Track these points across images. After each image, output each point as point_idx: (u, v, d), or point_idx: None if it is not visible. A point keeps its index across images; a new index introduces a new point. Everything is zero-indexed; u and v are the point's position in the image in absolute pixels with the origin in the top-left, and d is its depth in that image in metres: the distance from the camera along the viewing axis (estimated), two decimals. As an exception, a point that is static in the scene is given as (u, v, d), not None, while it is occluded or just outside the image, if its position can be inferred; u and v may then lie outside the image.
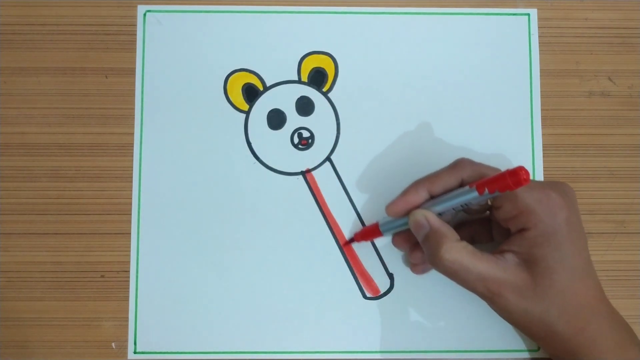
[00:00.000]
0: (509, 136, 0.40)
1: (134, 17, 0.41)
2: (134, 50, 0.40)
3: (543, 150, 0.40)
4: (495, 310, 0.33)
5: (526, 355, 0.38)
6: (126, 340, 0.38)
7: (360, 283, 0.39)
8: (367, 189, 0.39)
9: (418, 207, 0.34)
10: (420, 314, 0.39)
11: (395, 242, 0.37)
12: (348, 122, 0.40)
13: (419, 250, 0.36)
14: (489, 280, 0.31)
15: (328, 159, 0.40)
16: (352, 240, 0.39)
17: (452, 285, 0.38)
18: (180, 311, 0.38)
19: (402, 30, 0.41)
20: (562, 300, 0.31)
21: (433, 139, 0.40)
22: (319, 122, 0.40)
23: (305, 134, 0.40)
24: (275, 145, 0.40)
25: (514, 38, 0.41)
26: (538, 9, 0.41)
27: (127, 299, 0.39)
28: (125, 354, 0.38)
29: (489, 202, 0.33)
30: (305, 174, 0.40)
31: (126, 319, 0.39)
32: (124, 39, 0.41)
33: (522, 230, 0.32)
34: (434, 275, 0.39)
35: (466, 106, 0.40)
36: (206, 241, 0.39)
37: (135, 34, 0.41)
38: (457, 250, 0.31)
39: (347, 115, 0.40)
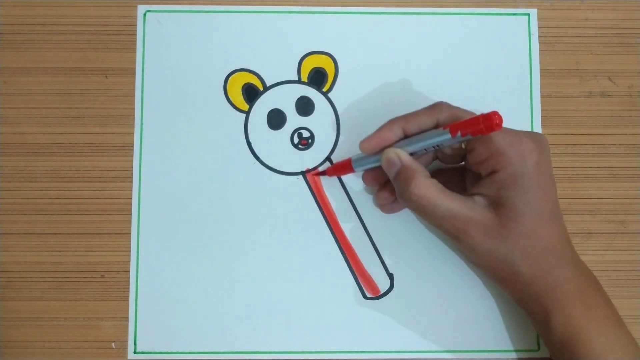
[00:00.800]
0: (509, 136, 0.40)
1: (134, 17, 0.41)
2: (134, 50, 0.40)
3: (543, 150, 0.40)
4: (461, 249, 0.34)
5: (526, 355, 0.38)
6: (126, 340, 0.38)
7: (360, 283, 0.39)
8: (367, 188, 0.39)
9: (391, 145, 0.34)
10: (420, 314, 0.39)
11: (365, 179, 0.38)
12: (348, 122, 0.40)
13: (387, 190, 0.37)
14: (456, 217, 0.32)
15: (328, 159, 0.40)
16: (323, 172, 0.39)
17: (452, 286, 0.39)
18: (180, 311, 0.38)
19: (402, 30, 0.41)
20: (526, 242, 0.31)
21: (433, 139, 0.40)
22: (319, 122, 0.40)
23: (305, 134, 0.40)
24: (275, 145, 0.40)
25: (514, 38, 0.41)
26: (538, 9, 0.41)
27: (127, 299, 0.39)
28: (125, 354, 0.38)
29: (463, 146, 0.33)
30: (305, 174, 0.40)
31: (126, 319, 0.39)
32: (124, 39, 0.41)
33: (492, 173, 0.32)
34: (433, 275, 0.39)
35: (466, 106, 0.40)
36: (206, 241, 0.39)
37: (135, 34, 0.41)
38: (426, 186, 0.32)
39: (347, 115, 0.40)
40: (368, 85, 0.40)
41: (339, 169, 0.38)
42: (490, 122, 0.29)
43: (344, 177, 0.40)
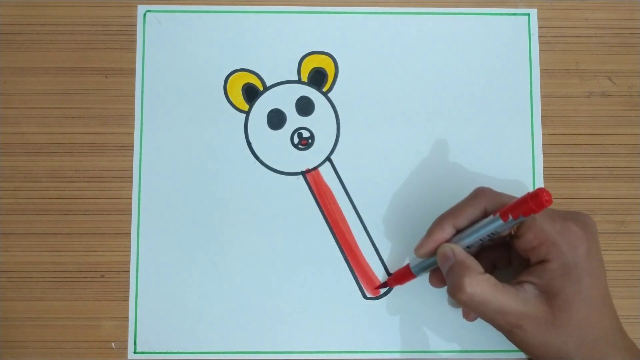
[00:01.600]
0: (509, 136, 0.40)
1: (134, 17, 0.41)
2: (134, 50, 0.40)
3: (543, 150, 0.40)
4: (513, 342, 0.33)
5: (526, 355, 0.38)
6: (126, 340, 0.38)
7: (360, 283, 0.39)
8: (367, 188, 0.39)
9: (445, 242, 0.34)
10: (420, 314, 0.39)
11: (432, 281, 0.37)
12: (348, 122, 0.40)
13: None
14: (508, 313, 0.31)
15: (328, 159, 0.40)
16: (385, 285, 0.39)
17: (452, 285, 0.39)
18: (180, 311, 0.38)
19: (402, 30, 0.41)
20: (580, 333, 0.31)
21: (433, 138, 0.40)
22: (319, 122, 0.40)
23: (305, 134, 0.40)
24: (275, 145, 0.40)
25: (514, 38, 0.41)
26: (538, 9, 0.41)
27: (127, 299, 0.39)
28: (125, 354, 0.38)
29: (512, 232, 0.33)
30: (305, 174, 0.40)
31: (126, 319, 0.39)
32: (124, 39, 0.41)
33: (542, 261, 0.32)
34: (434, 275, 0.39)
35: (466, 106, 0.40)
36: (206, 241, 0.39)
37: (135, 34, 0.41)
38: (478, 283, 0.31)
39: (347, 115, 0.40)
40: (368, 85, 0.40)
41: (400, 278, 0.37)
42: (539, 199, 0.29)
43: (344, 177, 0.40)
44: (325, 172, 0.40)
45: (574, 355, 0.31)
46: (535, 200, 0.29)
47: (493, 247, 0.36)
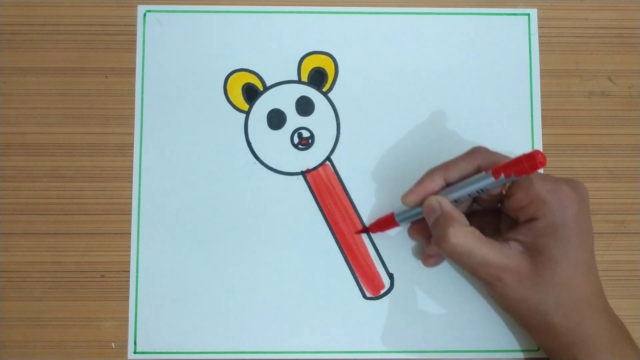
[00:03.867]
0: (509, 136, 0.40)
1: (134, 17, 0.41)
2: (134, 50, 0.40)
3: (543, 150, 0.40)
4: (493, 297, 0.33)
5: (526, 355, 0.38)
6: (126, 340, 0.38)
7: (360, 283, 0.39)
8: (367, 189, 0.39)
9: (434, 194, 0.34)
10: (420, 314, 0.39)
11: (411, 232, 0.37)
12: (348, 122, 0.40)
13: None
14: (490, 265, 0.31)
15: (328, 159, 0.40)
16: (366, 230, 0.39)
17: (452, 286, 0.39)
18: (180, 311, 0.38)
19: (402, 30, 0.41)
20: (561, 292, 0.31)
21: (433, 138, 0.40)
22: (319, 122, 0.40)
23: (305, 134, 0.40)
24: (275, 145, 0.40)
25: (514, 38, 0.41)
26: (538, 9, 0.41)
27: (127, 299, 0.39)
28: (125, 354, 0.38)
29: (503, 191, 0.33)
30: (305, 174, 0.40)
31: (126, 319, 0.39)
32: (124, 39, 0.41)
33: (530, 219, 0.32)
34: (433, 275, 0.39)
35: (466, 106, 0.40)
36: (206, 241, 0.39)
37: (135, 34, 0.41)
38: (463, 234, 0.32)
39: (347, 115, 0.40)
40: (368, 85, 0.40)
41: (382, 224, 0.38)
42: (533, 160, 0.29)
43: (344, 177, 0.40)
44: (325, 172, 0.40)
45: (553, 313, 0.31)
46: (530, 161, 0.29)
47: (482, 213, 0.37)
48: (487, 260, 0.31)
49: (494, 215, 0.37)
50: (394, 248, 0.39)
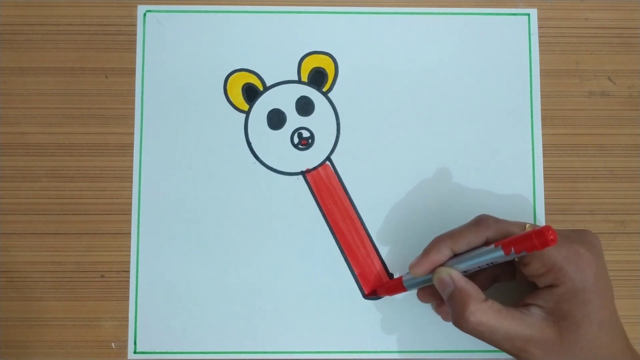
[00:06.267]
0: (509, 136, 0.40)
1: (134, 17, 0.41)
2: (134, 50, 0.40)
3: (543, 150, 0.40)
4: None
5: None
6: (126, 340, 0.38)
7: (360, 283, 0.39)
8: (367, 189, 0.39)
9: (442, 265, 0.33)
10: (420, 313, 0.38)
11: (420, 296, 0.37)
12: (348, 122, 0.40)
13: (445, 304, 0.35)
14: (515, 338, 0.31)
15: (328, 159, 0.40)
16: (374, 293, 0.38)
17: (452, 285, 0.39)
18: (180, 311, 0.38)
19: (402, 30, 0.41)
20: (588, 354, 0.31)
21: (433, 138, 0.40)
22: (319, 122, 0.40)
23: (305, 134, 0.40)
24: (275, 145, 0.40)
25: (514, 38, 0.41)
26: (538, 9, 0.41)
27: (127, 299, 0.39)
28: (125, 354, 0.38)
29: (516, 259, 0.32)
30: (305, 174, 0.40)
31: (126, 319, 0.39)
32: (124, 39, 0.41)
33: (549, 286, 0.31)
34: (434, 275, 0.39)
35: (466, 106, 0.40)
36: (206, 241, 0.39)
37: (135, 34, 0.41)
38: (482, 312, 0.31)
39: (347, 115, 0.40)
40: (368, 85, 0.40)
41: (391, 289, 0.37)
42: (544, 238, 0.28)
43: (344, 177, 0.40)
44: (325, 172, 0.40)
45: None
46: (540, 239, 0.28)
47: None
48: (511, 334, 0.31)
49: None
50: (394, 248, 0.39)
